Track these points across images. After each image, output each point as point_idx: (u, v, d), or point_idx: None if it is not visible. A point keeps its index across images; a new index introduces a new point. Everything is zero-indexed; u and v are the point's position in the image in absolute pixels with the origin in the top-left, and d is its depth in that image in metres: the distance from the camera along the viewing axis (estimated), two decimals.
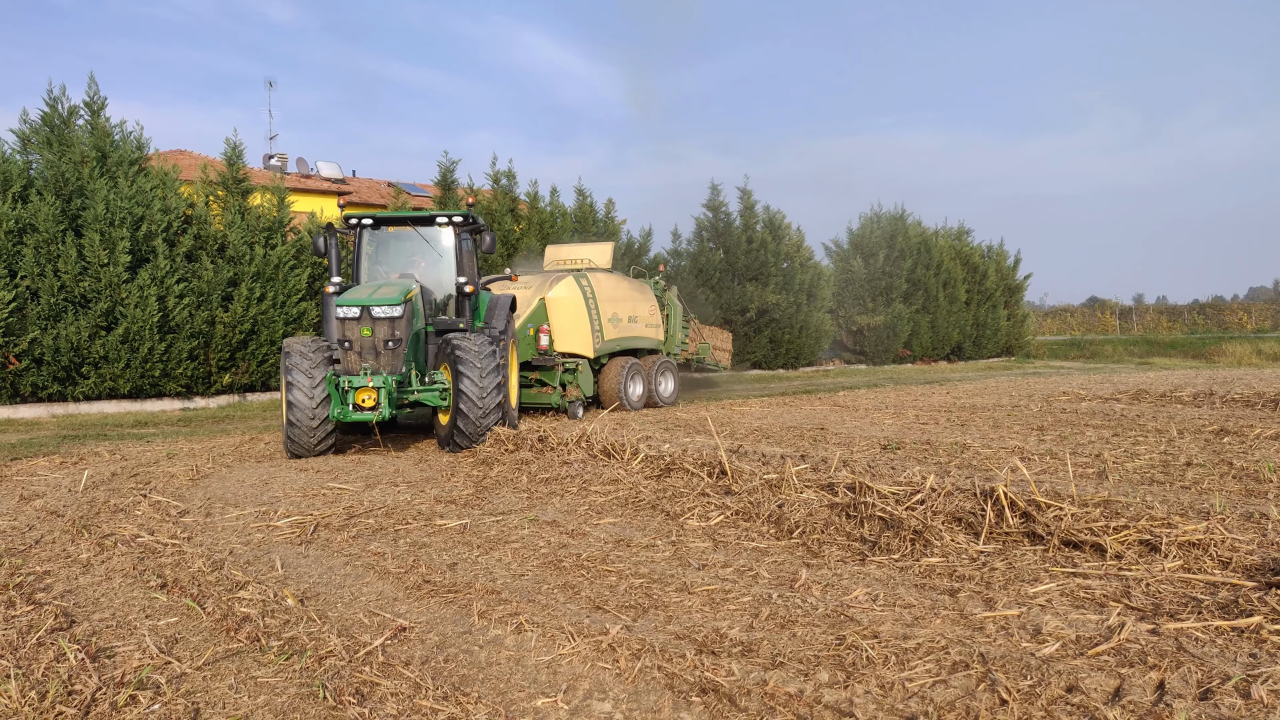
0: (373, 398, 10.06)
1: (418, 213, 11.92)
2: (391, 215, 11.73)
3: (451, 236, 12.02)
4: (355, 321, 10.38)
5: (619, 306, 15.78)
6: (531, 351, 14.74)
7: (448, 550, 6.10)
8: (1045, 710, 3.29)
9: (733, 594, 4.85)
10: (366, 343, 10.40)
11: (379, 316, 10.37)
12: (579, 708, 3.53)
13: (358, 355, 10.39)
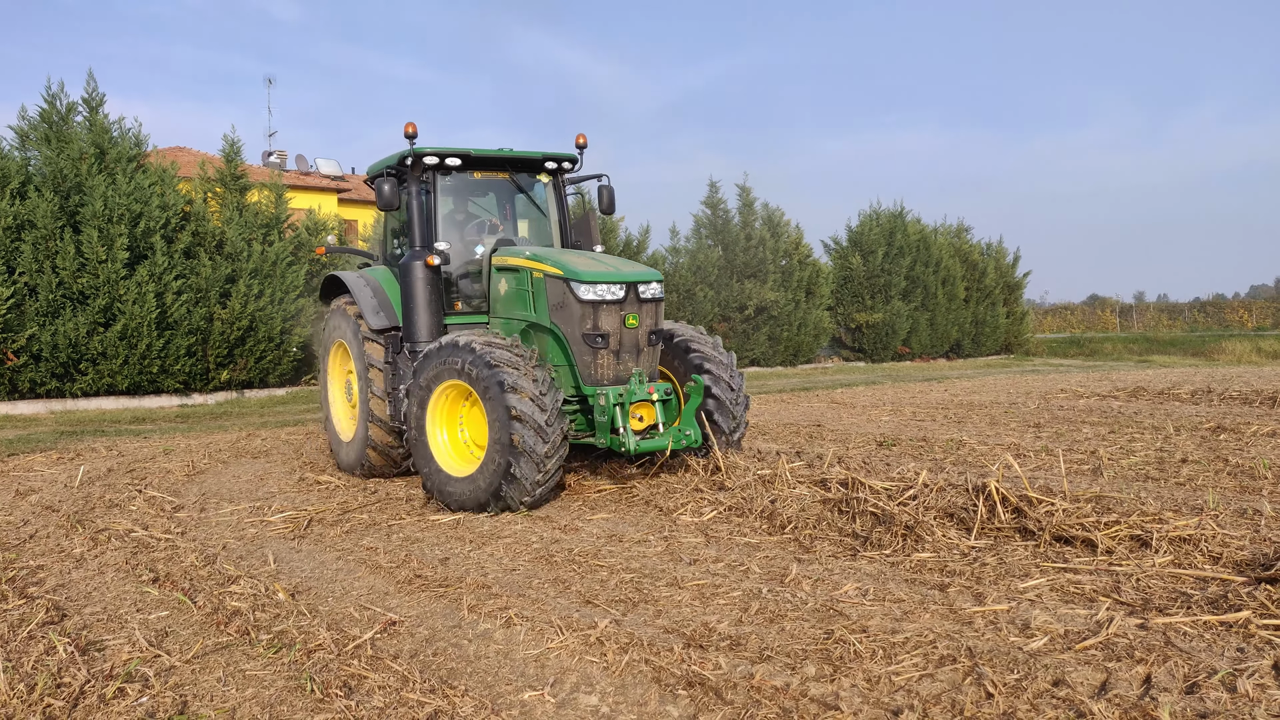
0: (650, 415, 7.33)
1: (522, 154, 8.55)
2: (486, 154, 8.33)
3: (556, 189, 9.05)
4: (616, 306, 7.21)
5: None
6: None
7: (440, 545, 6.11)
8: (1030, 704, 3.30)
9: (723, 589, 4.86)
10: (629, 338, 7.28)
11: (648, 298, 7.37)
12: (565, 700, 3.53)
13: (613, 355, 7.27)
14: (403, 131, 7.95)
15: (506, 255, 7.98)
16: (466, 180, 8.61)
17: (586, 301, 7.16)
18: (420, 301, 8.01)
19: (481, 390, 6.79)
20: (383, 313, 8.34)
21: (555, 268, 7.34)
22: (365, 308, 8.38)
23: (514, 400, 6.58)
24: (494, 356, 6.81)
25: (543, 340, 7.66)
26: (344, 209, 32.78)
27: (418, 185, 8.10)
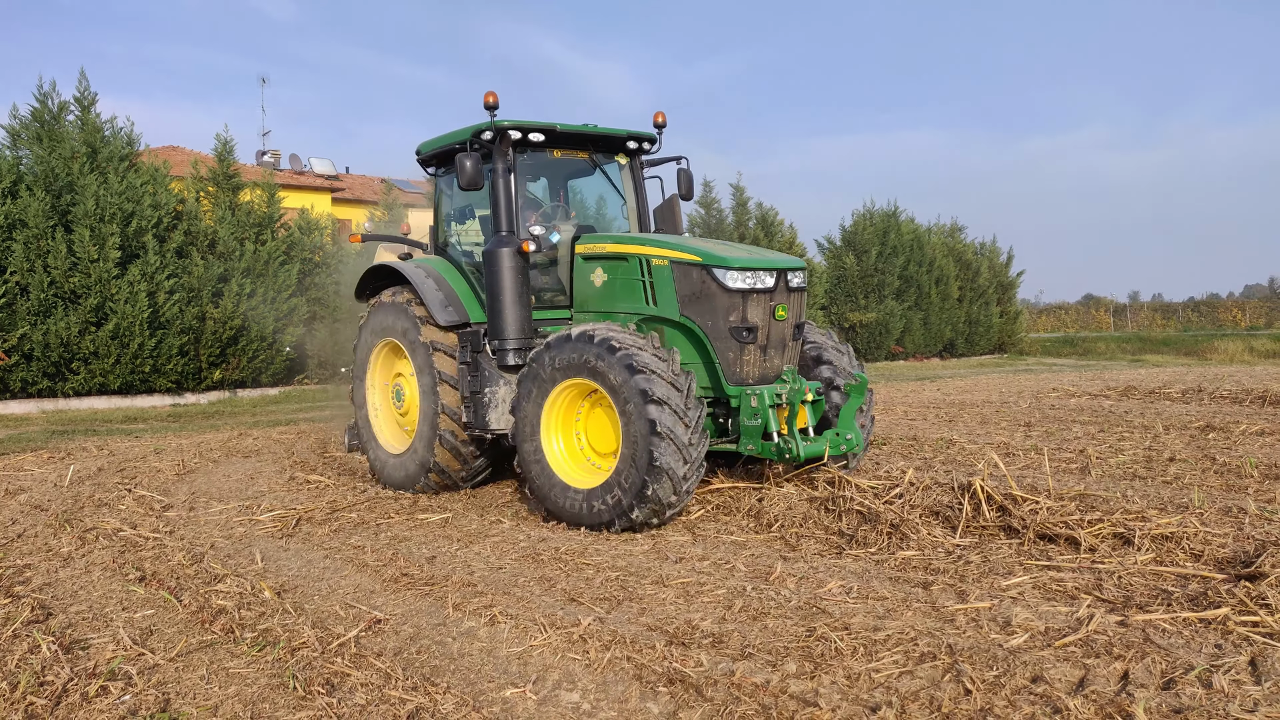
0: (803, 417, 6.53)
1: (606, 131, 7.79)
2: (570, 130, 7.52)
3: (633, 171, 8.27)
4: (766, 296, 6.38)
5: None
6: None
7: (427, 544, 6.12)
8: (1008, 700, 3.32)
9: (708, 586, 4.87)
10: (778, 331, 6.50)
11: (795, 287, 6.62)
12: (547, 698, 3.55)
13: (760, 351, 6.42)
14: (482, 102, 7.04)
15: (603, 241, 7.08)
16: (541, 160, 7.75)
17: (734, 291, 6.28)
18: (510, 294, 7.05)
19: (618, 396, 5.95)
20: (451, 307, 7.43)
21: (690, 254, 6.44)
22: (431, 302, 7.41)
23: (657, 413, 5.77)
24: (638, 359, 5.88)
25: (662, 336, 6.77)
26: (338, 208, 32.73)
27: (503, 162, 7.15)
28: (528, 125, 7.20)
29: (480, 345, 7.32)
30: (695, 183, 8.22)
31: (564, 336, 6.29)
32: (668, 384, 5.87)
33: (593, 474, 6.39)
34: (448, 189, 8.30)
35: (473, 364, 7.30)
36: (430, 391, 7.46)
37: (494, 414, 7.23)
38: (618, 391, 5.96)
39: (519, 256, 7.10)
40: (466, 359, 7.32)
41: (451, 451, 7.49)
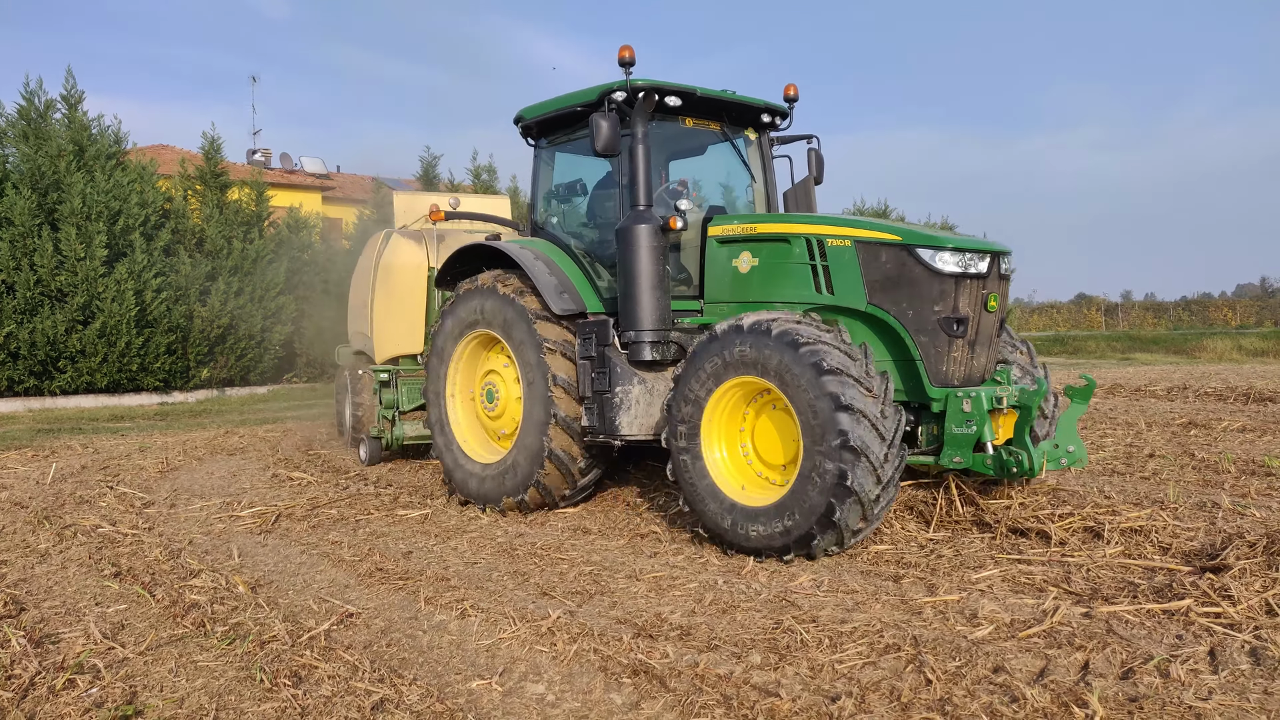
0: (1009, 425, 5.50)
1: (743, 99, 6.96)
2: (709, 95, 6.69)
3: (762, 148, 7.37)
4: (979, 283, 5.49)
5: None
6: None
7: (405, 539, 6.14)
8: (968, 690, 3.35)
9: (680, 580, 4.90)
10: (987, 324, 5.62)
11: (1006, 274, 5.76)
12: (512, 689, 3.57)
13: (969, 347, 5.50)
14: (617, 57, 6.24)
15: (751, 221, 6.23)
16: (670, 129, 6.86)
17: (945, 275, 5.32)
18: (648, 278, 6.13)
19: (798, 400, 5.01)
20: (567, 294, 6.54)
21: (885, 232, 5.52)
22: (544, 287, 6.49)
23: (849, 423, 4.83)
24: (827, 357, 4.96)
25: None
26: (328, 207, 32.66)
27: (642, 126, 6.26)
28: (667, 86, 6.36)
29: (607, 338, 6.31)
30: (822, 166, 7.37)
31: (733, 327, 5.36)
32: (861, 387, 4.94)
33: (763, 490, 5.42)
34: (548, 160, 7.41)
35: (598, 359, 6.30)
36: (540, 396, 6.43)
37: (625, 416, 6.17)
38: (799, 394, 5.00)
39: (660, 235, 6.17)
40: (590, 353, 6.34)
41: (561, 468, 6.46)
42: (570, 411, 6.37)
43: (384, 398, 9.27)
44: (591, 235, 7.10)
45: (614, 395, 6.20)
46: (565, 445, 6.41)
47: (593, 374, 6.32)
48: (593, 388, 6.31)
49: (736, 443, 5.61)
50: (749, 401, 5.55)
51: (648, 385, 6.22)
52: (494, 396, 7.12)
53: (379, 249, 9.95)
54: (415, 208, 10.78)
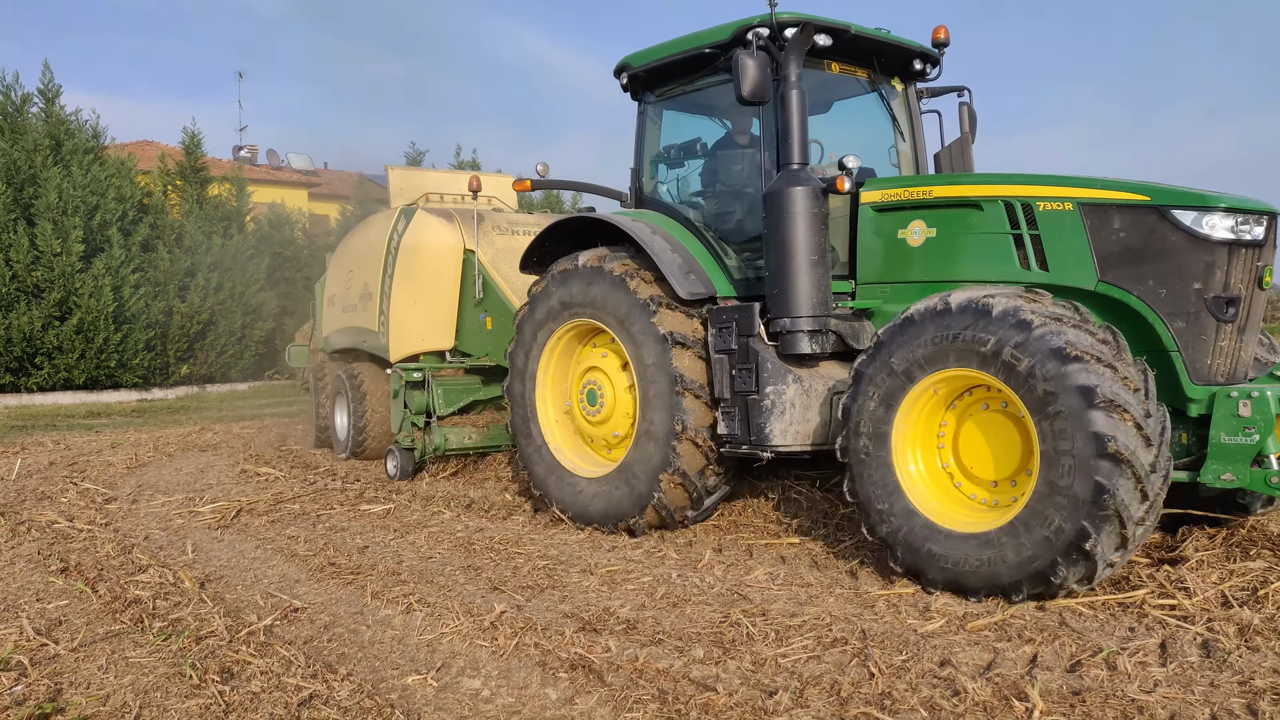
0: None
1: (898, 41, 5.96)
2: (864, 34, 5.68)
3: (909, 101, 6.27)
4: (1253, 254, 4.43)
5: None
6: (489, 345, 8.08)
7: (364, 534, 6.04)
8: (910, 684, 3.27)
9: (635, 574, 4.82)
10: (1258, 305, 4.60)
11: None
12: (448, 684, 3.49)
13: (1238, 334, 4.45)
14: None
15: (926, 184, 5.15)
16: (812, 76, 5.64)
17: (1215, 244, 4.26)
18: (807, 252, 5.07)
19: (1032, 395, 3.99)
20: (693, 275, 5.56)
21: (1124, 191, 4.45)
22: (668, 267, 5.49)
23: (1107, 424, 3.83)
24: (1073, 341, 3.96)
25: None
26: (314, 204, 32.49)
27: (795, 66, 5.21)
28: (817, 21, 5.37)
29: (751, 327, 5.24)
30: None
31: (937, 308, 4.34)
32: (1119, 380, 3.91)
33: (969, 511, 4.41)
34: (656, 118, 6.33)
35: (740, 353, 5.24)
36: (662, 399, 5.41)
37: (777, 423, 5.08)
38: (1033, 390, 3.98)
39: (820, 199, 5.11)
40: (729, 346, 5.29)
41: (686, 484, 5.46)
42: (701, 417, 5.35)
43: (413, 401, 7.95)
44: (713, 206, 6.03)
45: (763, 397, 5.11)
46: (694, 457, 5.41)
47: (732, 371, 5.26)
48: (732, 388, 5.27)
49: (934, 453, 4.55)
50: (946, 405, 4.52)
51: (804, 385, 5.12)
52: (597, 398, 5.99)
53: (395, 229, 8.50)
54: (414, 185, 9.63)
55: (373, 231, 9.04)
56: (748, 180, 5.80)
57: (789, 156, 5.21)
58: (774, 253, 5.16)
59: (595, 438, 6.14)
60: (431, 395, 7.96)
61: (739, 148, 6.06)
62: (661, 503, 5.51)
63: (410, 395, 7.98)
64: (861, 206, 5.27)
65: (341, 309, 9.48)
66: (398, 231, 8.47)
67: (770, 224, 5.18)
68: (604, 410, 5.98)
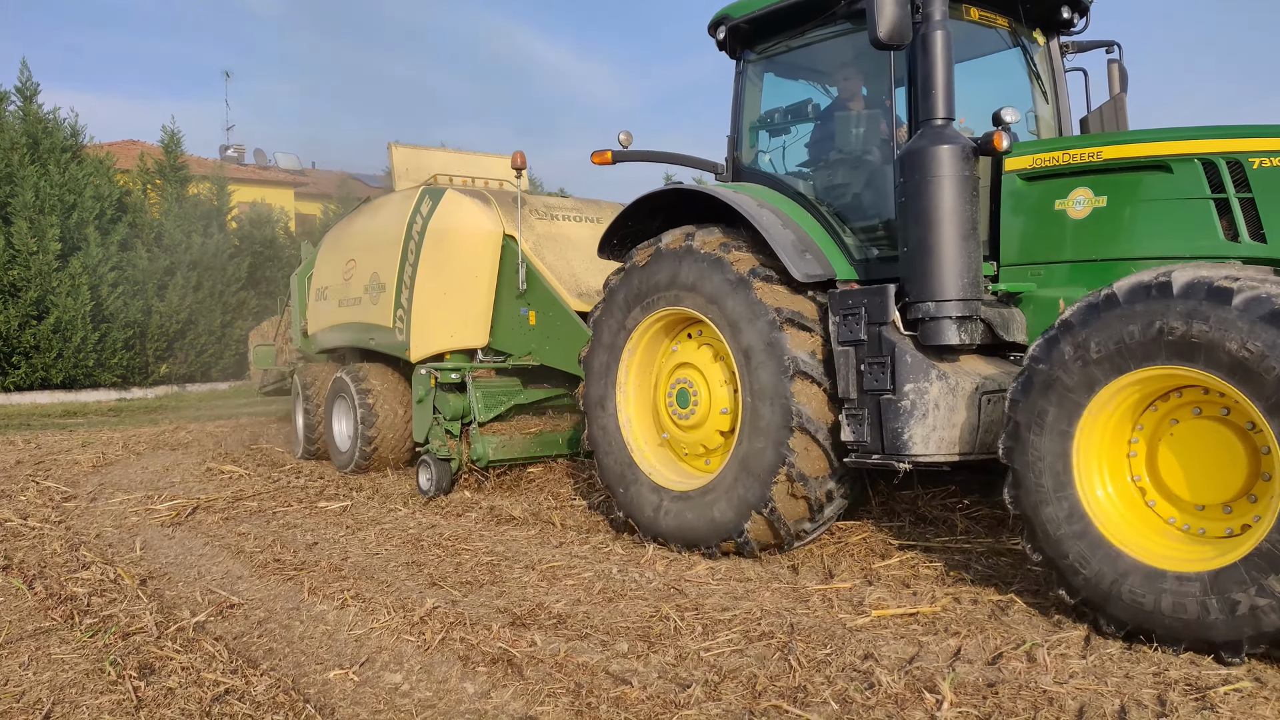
0: None
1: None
2: None
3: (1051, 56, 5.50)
4: None
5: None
6: (532, 342, 7.21)
7: (316, 531, 6.02)
8: (826, 677, 3.26)
9: (576, 569, 4.81)
10: None
11: None
12: (369, 679, 3.47)
13: None
14: None
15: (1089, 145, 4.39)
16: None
17: None
18: (956, 223, 4.30)
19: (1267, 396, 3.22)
20: (810, 254, 4.83)
21: None
22: (781, 244, 4.73)
23: None
24: None
25: None
26: (301, 204, 32.45)
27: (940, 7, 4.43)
28: None
29: (884, 313, 4.44)
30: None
31: (1143, 288, 3.50)
32: None
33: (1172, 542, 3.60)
34: (756, 79, 5.60)
35: (871, 344, 4.45)
36: (775, 396, 4.61)
37: (918, 427, 4.25)
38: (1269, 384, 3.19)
39: (972, 161, 4.35)
40: (856, 336, 4.49)
41: (803, 494, 4.60)
42: (821, 416, 4.57)
43: (447, 406, 7.03)
44: (827, 176, 5.27)
45: (901, 397, 4.29)
46: (812, 462, 4.58)
47: (860, 366, 4.46)
48: (861, 386, 4.46)
49: (1123, 469, 3.74)
50: (1137, 413, 3.71)
51: (949, 382, 4.26)
52: (688, 399, 5.20)
53: (417, 212, 7.55)
54: (420, 164, 8.70)
55: (385, 215, 8.14)
56: (871, 145, 5.08)
57: (932, 110, 4.37)
58: (914, 225, 4.36)
59: (687, 445, 5.32)
60: (472, 399, 7.03)
61: (854, 109, 5.30)
62: (774, 513, 4.63)
63: (443, 399, 7.08)
64: (1006, 175, 4.54)
65: (337, 303, 8.58)
66: (421, 214, 7.50)
67: (909, 190, 4.38)
68: (697, 414, 5.14)
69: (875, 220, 4.97)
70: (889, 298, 4.44)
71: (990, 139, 4.36)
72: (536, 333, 7.08)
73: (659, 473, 5.31)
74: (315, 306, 9.20)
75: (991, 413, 4.25)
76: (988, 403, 4.25)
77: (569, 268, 7.18)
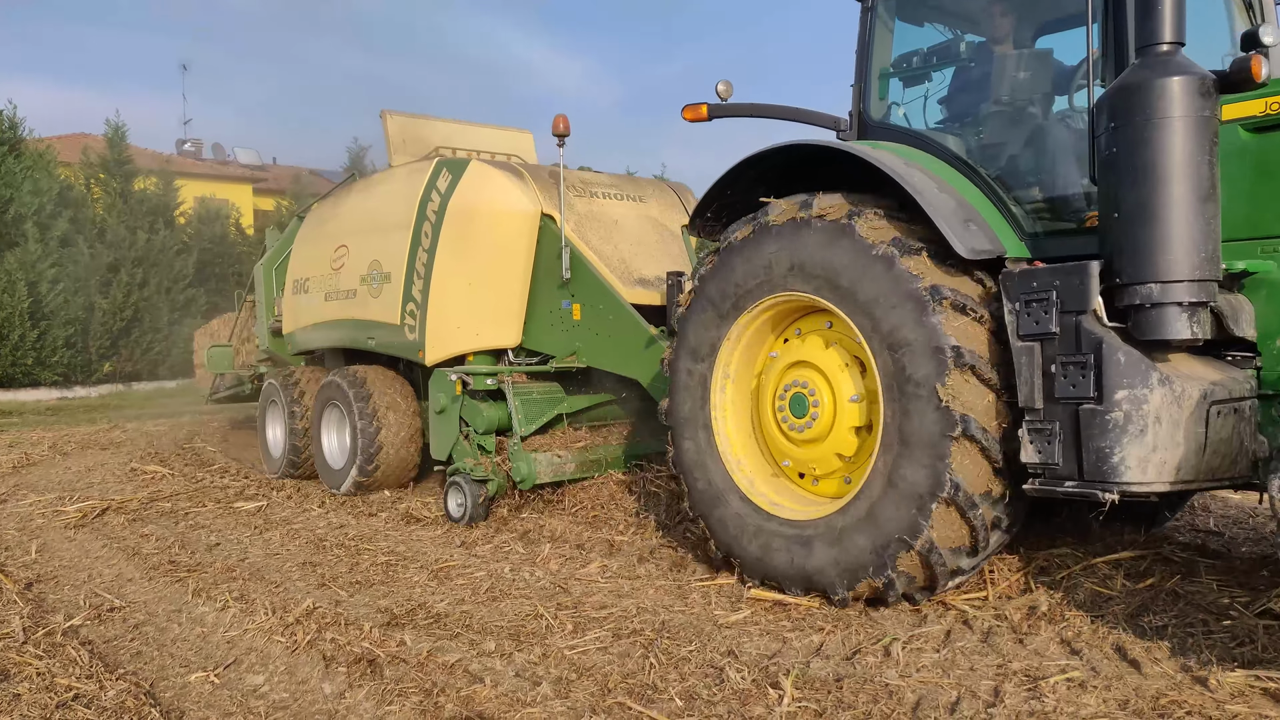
0: None
1: None
2: None
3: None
4: None
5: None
6: (576, 341, 6.25)
7: (222, 531, 5.97)
8: (680, 674, 3.29)
9: (470, 569, 4.80)
10: None
11: None
12: (230, 681, 3.45)
13: None
14: None
15: None
16: None
17: None
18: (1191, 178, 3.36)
19: None
20: (975, 224, 3.88)
21: None
22: (939, 210, 3.79)
23: None
24: None
25: None
26: (260, 199, 32.05)
27: None
28: None
29: (1084, 299, 3.48)
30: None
31: None
32: None
33: None
34: (887, 19, 4.71)
35: (1068, 338, 3.50)
36: (928, 394, 3.63)
37: (1134, 448, 3.32)
38: None
39: (1212, 99, 3.39)
40: (1044, 328, 3.53)
41: (968, 518, 3.62)
42: (989, 423, 3.63)
43: (478, 418, 6.06)
44: (984, 132, 4.35)
45: (1110, 407, 3.35)
46: (980, 480, 3.62)
47: (1050, 367, 3.52)
48: (1051, 392, 3.51)
49: None
50: None
51: (1173, 389, 3.32)
52: (806, 407, 4.21)
53: (433, 188, 6.44)
54: (419, 136, 7.63)
55: (388, 192, 6.99)
56: (1046, 90, 4.22)
57: (1156, 31, 3.41)
58: (1130, 182, 3.42)
59: (801, 463, 4.35)
60: (512, 409, 6.04)
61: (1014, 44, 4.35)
62: (931, 546, 3.64)
63: (473, 410, 6.11)
64: (1225, 125, 3.54)
65: (323, 297, 7.46)
66: (439, 191, 6.39)
67: (1123, 137, 3.42)
68: (817, 426, 4.17)
69: (1053, 185, 4.05)
70: (1091, 278, 3.46)
71: (1244, 67, 3.34)
72: (582, 329, 6.10)
73: (768, 499, 4.29)
74: (293, 301, 7.98)
75: (1220, 429, 3.37)
76: (1217, 416, 3.36)
77: (617, 253, 6.22)
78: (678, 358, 4.63)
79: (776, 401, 4.35)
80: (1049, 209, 4.04)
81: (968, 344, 3.62)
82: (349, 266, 7.17)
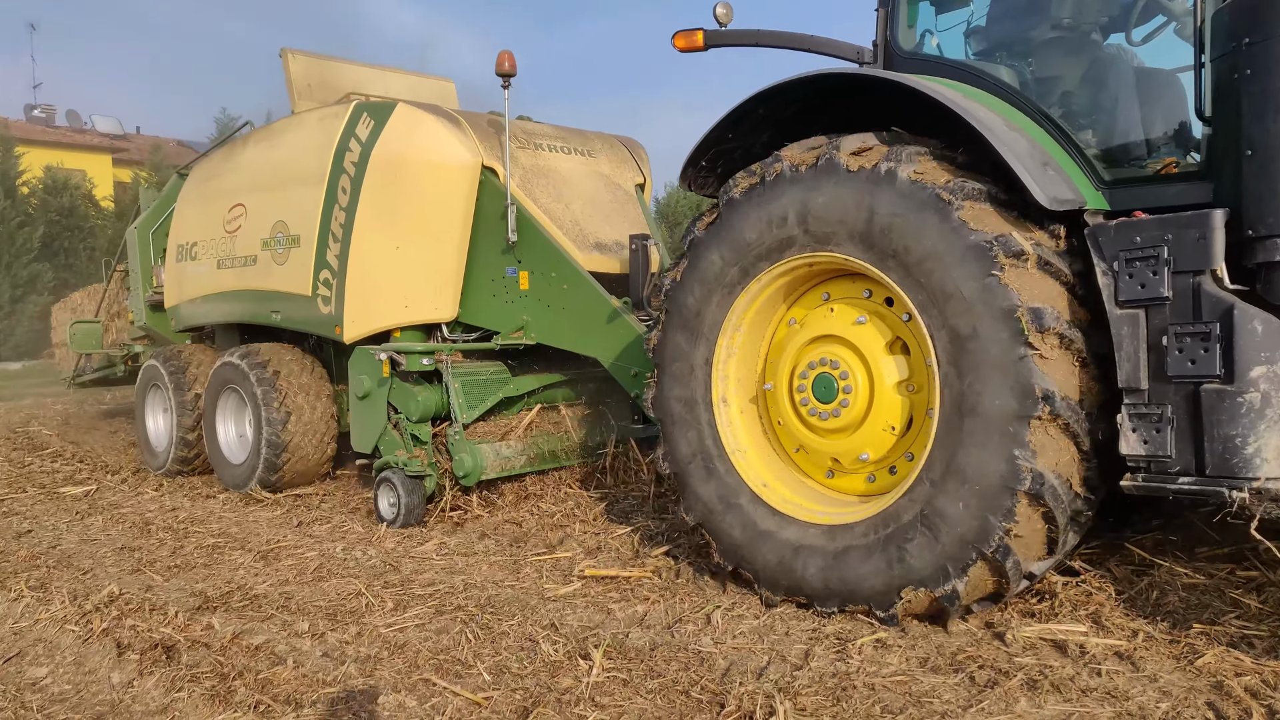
0: None
1: None
2: None
3: None
4: None
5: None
6: (524, 313, 5.54)
7: (37, 518, 5.58)
8: (495, 649, 3.23)
9: (301, 550, 4.62)
10: None
11: None
12: (8, 675, 3.21)
13: None
14: None
15: None
16: None
17: None
18: None
19: None
20: (1051, 170, 3.24)
21: None
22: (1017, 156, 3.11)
23: None
24: None
25: None
26: (120, 170, 30.19)
27: None
28: None
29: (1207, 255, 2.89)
30: None
31: None
32: None
33: None
34: None
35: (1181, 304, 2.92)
36: (999, 364, 3.02)
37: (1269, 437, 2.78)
38: None
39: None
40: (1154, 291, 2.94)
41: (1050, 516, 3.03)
42: (1073, 386, 3.02)
43: (410, 403, 5.23)
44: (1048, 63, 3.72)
45: (1243, 387, 2.80)
46: (1066, 468, 3.04)
47: (1162, 339, 2.94)
48: (1163, 370, 2.94)
49: None
50: None
51: None
52: (835, 391, 3.52)
53: (351, 135, 5.60)
54: (327, 81, 6.64)
55: (294, 141, 6.07)
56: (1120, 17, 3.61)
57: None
58: (1262, 115, 2.86)
59: (824, 456, 3.67)
60: (452, 393, 5.25)
61: None
62: (1004, 550, 3.04)
63: (403, 394, 5.28)
64: None
65: (214, 264, 6.54)
66: (358, 138, 5.54)
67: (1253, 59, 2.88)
68: (847, 412, 3.48)
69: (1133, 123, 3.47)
70: (1215, 230, 2.85)
71: None
72: (530, 300, 5.37)
73: (789, 501, 3.61)
74: (177, 270, 6.97)
75: None
76: None
77: (569, 213, 5.53)
78: (667, 337, 3.88)
79: (797, 381, 3.61)
80: (1128, 152, 3.40)
81: (1050, 305, 2.99)
82: (247, 229, 6.26)
